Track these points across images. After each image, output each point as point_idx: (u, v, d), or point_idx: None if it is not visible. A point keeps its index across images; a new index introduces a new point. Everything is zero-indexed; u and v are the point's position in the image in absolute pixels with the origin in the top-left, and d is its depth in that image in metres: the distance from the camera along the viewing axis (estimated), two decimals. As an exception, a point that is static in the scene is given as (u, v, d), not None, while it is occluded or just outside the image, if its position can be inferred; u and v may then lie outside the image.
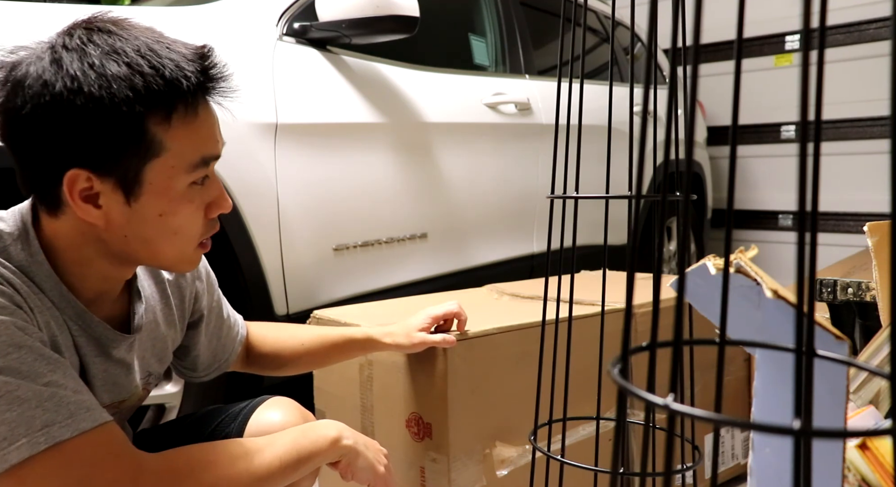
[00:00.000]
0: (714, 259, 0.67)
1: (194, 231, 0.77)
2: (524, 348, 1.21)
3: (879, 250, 0.81)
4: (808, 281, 0.32)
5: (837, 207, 3.51)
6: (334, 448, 0.87)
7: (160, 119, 0.70)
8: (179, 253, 0.77)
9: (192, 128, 0.72)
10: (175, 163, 0.72)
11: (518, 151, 2.29)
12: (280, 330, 1.13)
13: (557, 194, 0.88)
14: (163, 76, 0.69)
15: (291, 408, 1.00)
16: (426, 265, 1.99)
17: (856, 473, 0.76)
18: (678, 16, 0.44)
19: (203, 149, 0.74)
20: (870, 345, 0.85)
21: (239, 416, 0.99)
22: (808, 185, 0.31)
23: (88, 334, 0.78)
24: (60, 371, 0.69)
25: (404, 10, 1.71)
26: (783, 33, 3.70)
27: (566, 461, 0.86)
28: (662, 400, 0.32)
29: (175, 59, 0.70)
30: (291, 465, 0.82)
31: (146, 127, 0.69)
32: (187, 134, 0.72)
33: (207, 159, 0.74)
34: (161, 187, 0.72)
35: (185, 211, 0.74)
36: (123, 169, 0.70)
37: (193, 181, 0.74)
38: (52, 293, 0.74)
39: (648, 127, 0.40)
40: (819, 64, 0.32)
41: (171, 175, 0.72)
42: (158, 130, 0.70)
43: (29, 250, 0.73)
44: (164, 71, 0.69)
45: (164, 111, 0.70)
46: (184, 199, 0.74)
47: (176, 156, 0.71)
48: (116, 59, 0.68)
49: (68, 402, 0.67)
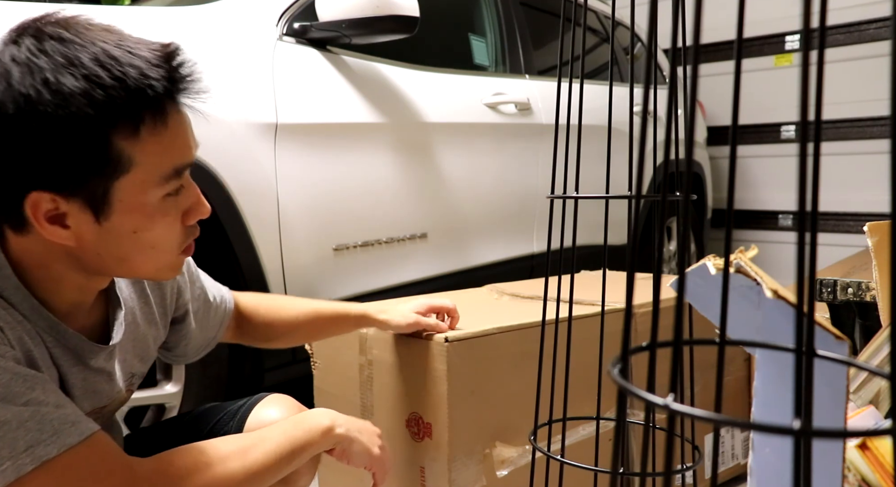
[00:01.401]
0: (714, 259, 0.67)
1: (173, 242, 0.73)
2: (524, 348, 1.21)
3: (879, 250, 0.81)
4: (808, 281, 0.32)
5: (837, 207, 3.51)
6: (327, 438, 0.87)
7: (127, 134, 0.64)
8: (159, 265, 0.74)
9: (162, 139, 0.67)
10: (146, 178, 0.67)
11: (518, 152, 2.29)
12: (273, 301, 1.12)
13: (557, 194, 0.88)
14: (126, 87, 0.62)
15: (290, 405, 1.00)
16: (426, 265, 1.99)
17: (856, 473, 0.76)
18: (678, 16, 0.44)
19: (175, 159, 0.69)
20: (870, 345, 0.85)
21: (237, 414, 0.98)
22: (808, 185, 0.31)
23: (64, 345, 0.75)
24: (40, 388, 0.66)
25: (404, 10, 1.71)
26: (783, 33, 3.70)
27: (566, 461, 0.86)
28: (662, 400, 0.32)
29: (138, 65, 0.64)
30: (286, 458, 0.81)
31: (112, 144, 0.64)
32: (158, 146, 0.67)
33: (180, 169, 0.70)
34: (133, 203, 0.67)
35: (161, 225, 0.70)
36: (90, 189, 0.65)
37: (167, 193, 0.70)
38: (22, 306, 0.71)
39: (648, 127, 0.40)
40: (819, 64, 0.32)
41: (142, 190, 0.67)
42: (126, 145, 0.64)
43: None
44: (127, 81, 0.63)
45: (130, 125, 0.64)
46: (158, 212, 0.70)
47: (146, 171, 0.67)
48: (73, 72, 0.61)
49: (51, 419, 0.66)
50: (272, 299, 1.14)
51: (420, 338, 1.16)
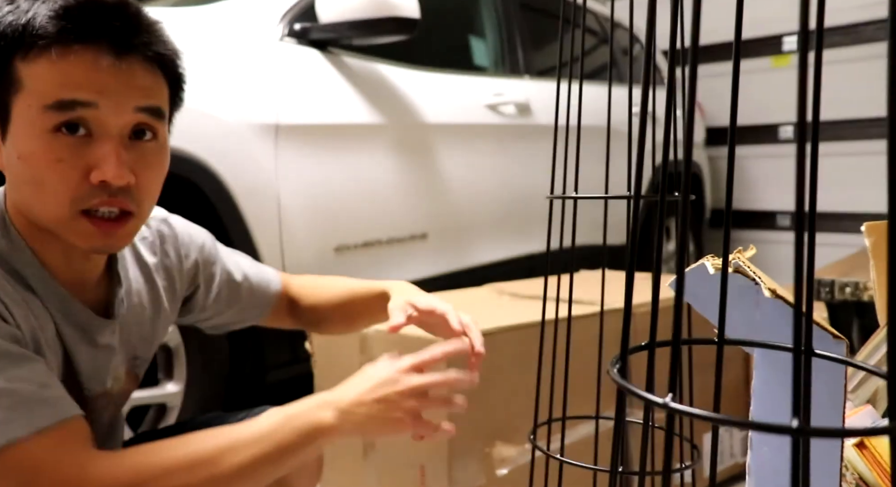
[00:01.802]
0: (712, 259, 0.67)
1: (60, 189, 0.69)
2: (524, 347, 1.22)
3: (877, 249, 0.82)
4: (806, 281, 0.32)
5: (835, 207, 3.52)
6: (327, 439, 0.73)
7: (22, 56, 0.69)
8: (52, 214, 0.70)
9: (52, 69, 0.68)
10: (31, 101, 0.68)
11: (518, 152, 2.30)
12: (315, 282, 1.09)
13: (557, 194, 0.89)
14: (27, 19, 0.68)
15: None
16: (426, 265, 1.99)
17: (853, 472, 0.76)
18: (676, 17, 0.44)
19: (61, 92, 0.68)
20: (867, 344, 0.85)
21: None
22: (806, 185, 0.31)
23: (72, 321, 0.75)
24: (27, 367, 0.66)
25: (404, 11, 1.72)
26: (781, 34, 3.71)
27: (566, 460, 0.86)
28: (661, 399, 0.33)
29: (52, 5, 0.69)
30: (270, 463, 0.70)
31: (12, 62, 0.69)
32: (45, 74, 0.68)
33: (66, 102, 0.68)
34: (22, 124, 0.69)
35: (45, 160, 0.68)
36: (2, 105, 0.70)
37: (55, 127, 0.68)
38: (34, 281, 0.72)
39: (647, 128, 0.41)
40: (817, 65, 0.33)
41: (28, 113, 0.68)
42: (21, 66, 0.69)
43: (8, 236, 0.72)
44: (37, 10, 0.68)
45: (24, 50, 0.68)
46: (43, 144, 0.68)
47: (32, 93, 0.68)
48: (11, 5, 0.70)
49: (29, 398, 0.65)
50: (315, 280, 1.10)
51: (420, 338, 1.16)
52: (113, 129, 0.70)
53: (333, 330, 1.10)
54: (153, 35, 0.73)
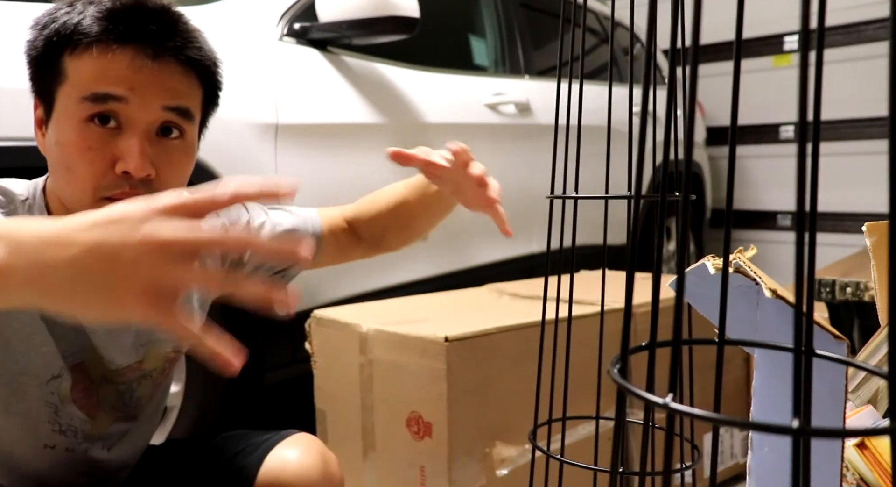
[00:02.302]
0: (713, 259, 0.67)
1: (87, 175, 0.73)
2: (524, 347, 1.22)
3: (878, 249, 0.81)
4: (807, 281, 0.32)
5: (836, 207, 3.52)
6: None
7: (69, 51, 0.74)
8: (77, 199, 0.74)
9: (92, 63, 0.74)
10: (71, 91, 0.74)
11: (518, 152, 2.30)
12: (367, 199, 1.10)
13: (557, 194, 0.88)
14: (83, 15, 0.74)
15: (311, 450, 0.94)
16: (426, 265, 1.99)
17: (854, 472, 0.76)
18: (677, 16, 0.44)
19: (96, 85, 0.73)
20: (868, 345, 0.85)
21: (260, 447, 0.95)
22: (807, 185, 0.31)
23: None
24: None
25: (404, 10, 1.71)
26: (782, 34, 3.71)
27: (566, 460, 0.86)
28: (661, 400, 0.32)
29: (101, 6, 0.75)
30: None
31: (61, 56, 0.75)
32: (85, 68, 0.74)
33: (100, 95, 0.73)
34: (62, 113, 0.75)
35: (77, 146, 0.73)
36: (46, 93, 0.76)
37: (89, 117, 0.73)
38: None
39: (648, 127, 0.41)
40: (818, 64, 0.33)
41: (68, 103, 0.74)
42: (67, 59, 0.74)
43: (32, 213, 0.76)
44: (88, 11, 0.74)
45: (72, 45, 0.74)
46: (76, 132, 0.74)
47: (72, 84, 0.74)
48: (66, 5, 0.76)
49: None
50: (371, 196, 1.10)
51: (421, 338, 1.16)
52: (140, 124, 0.74)
53: (399, 241, 1.08)
54: (189, 40, 0.78)
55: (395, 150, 0.86)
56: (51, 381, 0.80)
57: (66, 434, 0.83)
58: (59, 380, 0.81)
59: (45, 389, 0.80)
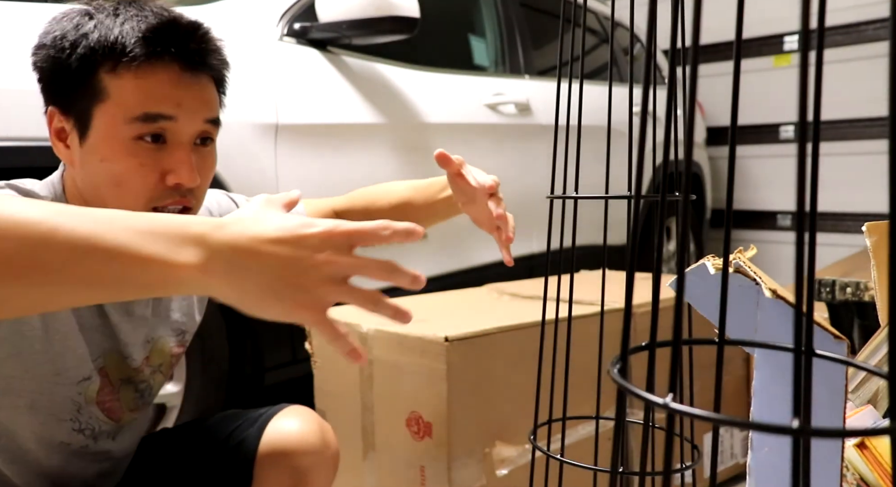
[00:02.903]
0: (713, 259, 0.67)
1: (140, 189, 0.76)
2: (524, 347, 1.22)
3: (878, 250, 0.82)
4: (807, 281, 0.32)
5: (836, 207, 3.52)
6: (167, 283, 0.51)
7: (108, 69, 0.75)
8: (127, 209, 0.74)
9: (137, 83, 0.75)
10: (117, 111, 0.75)
11: (518, 152, 2.30)
12: (367, 192, 1.12)
13: (557, 194, 0.88)
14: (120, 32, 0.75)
15: (310, 419, 0.97)
16: (426, 265, 1.99)
17: (854, 472, 0.76)
18: (677, 16, 0.44)
19: (146, 105, 0.75)
20: (868, 345, 0.85)
21: (257, 422, 0.97)
22: (807, 185, 0.31)
23: None
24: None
25: (404, 10, 1.71)
26: (782, 34, 3.71)
27: (566, 460, 0.86)
28: (661, 400, 0.32)
29: (135, 25, 0.76)
30: (57, 262, 0.49)
31: (97, 73, 0.75)
32: (131, 87, 0.75)
33: (152, 116, 0.75)
34: (105, 132, 0.75)
35: (127, 164, 0.75)
36: (78, 109, 0.76)
37: (139, 136, 0.75)
38: None
39: (648, 127, 0.41)
40: (818, 64, 0.33)
41: (113, 122, 0.75)
42: (106, 77, 0.75)
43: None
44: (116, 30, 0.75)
45: (112, 63, 0.75)
46: (126, 151, 0.75)
47: (118, 104, 0.75)
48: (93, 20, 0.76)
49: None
50: (367, 191, 1.13)
51: (421, 338, 1.16)
52: (185, 137, 0.78)
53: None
54: (218, 54, 0.84)
55: (442, 152, 0.89)
56: (80, 382, 0.82)
57: (84, 433, 0.85)
58: (88, 382, 0.83)
59: (73, 390, 0.82)
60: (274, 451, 0.94)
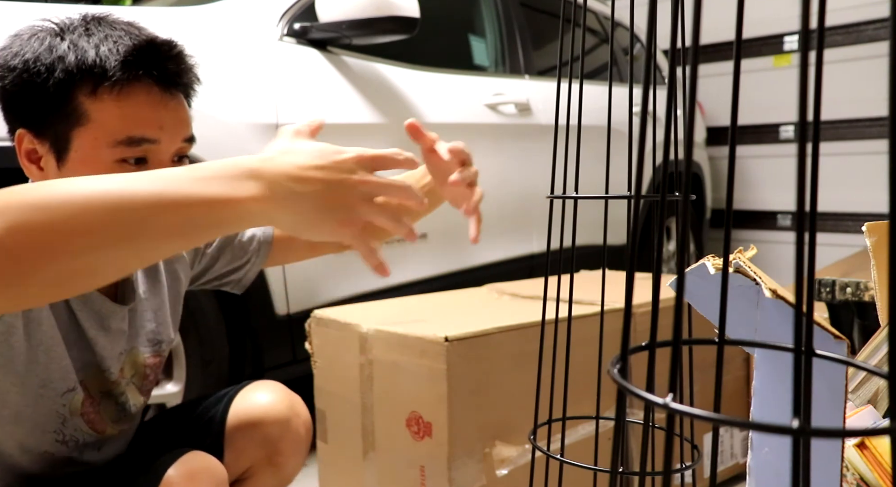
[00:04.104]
0: (713, 259, 0.67)
1: None
2: (524, 347, 1.22)
3: (878, 249, 0.82)
4: (807, 281, 0.32)
5: (836, 207, 3.52)
6: (238, 220, 0.56)
7: (87, 92, 0.74)
8: None
9: (119, 106, 0.74)
10: (98, 135, 0.74)
11: (518, 152, 2.30)
12: None
13: (557, 194, 0.88)
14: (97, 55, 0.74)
15: (277, 389, 1.00)
16: (426, 265, 1.99)
17: (854, 472, 0.76)
18: (677, 16, 0.44)
19: (130, 129, 0.75)
20: (868, 345, 0.85)
21: (223, 399, 1.00)
22: (807, 185, 0.31)
23: (89, 308, 0.82)
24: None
25: (404, 10, 1.71)
26: (782, 34, 3.71)
27: (566, 460, 0.86)
28: (661, 400, 0.32)
29: (111, 47, 0.75)
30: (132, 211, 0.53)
31: (73, 97, 0.74)
32: (113, 111, 0.74)
33: (136, 140, 0.75)
34: (86, 156, 0.75)
35: None
36: (55, 132, 0.75)
37: (122, 159, 0.75)
38: None
39: (648, 127, 0.41)
40: (818, 64, 0.33)
41: (95, 146, 0.74)
42: (85, 101, 0.74)
43: None
44: (92, 53, 0.74)
45: (90, 86, 0.74)
46: (110, 172, 0.74)
47: (99, 128, 0.74)
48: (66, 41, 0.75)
49: None
50: None
51: (420, 338, 1.16)
52: (166, 157, 0.78)
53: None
54: (190, 71, 0.82)
55: (414, 122, 0.83)
56: (65, 394, 0.82)
57: (68, 444, 0.85)
58: (72, 393, 0.83)
59: (58, 402, 0.82)
60: (243, 423, 0.96)
